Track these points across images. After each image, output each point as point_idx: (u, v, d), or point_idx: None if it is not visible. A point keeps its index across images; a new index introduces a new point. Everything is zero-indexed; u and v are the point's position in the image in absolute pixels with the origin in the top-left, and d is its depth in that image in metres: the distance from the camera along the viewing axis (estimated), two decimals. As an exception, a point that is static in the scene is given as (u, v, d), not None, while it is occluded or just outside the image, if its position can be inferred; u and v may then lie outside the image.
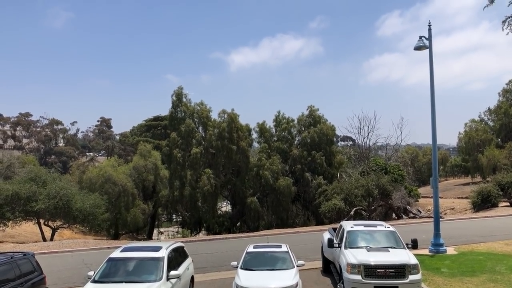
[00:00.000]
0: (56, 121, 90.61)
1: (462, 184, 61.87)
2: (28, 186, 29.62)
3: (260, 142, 45.07)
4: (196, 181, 39.59)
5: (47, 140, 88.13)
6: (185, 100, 43.58)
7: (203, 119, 42.83)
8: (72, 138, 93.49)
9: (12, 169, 44.62)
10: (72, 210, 29.66)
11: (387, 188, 33.65)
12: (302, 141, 43.39)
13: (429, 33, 18.47)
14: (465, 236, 21.59)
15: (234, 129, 40.79)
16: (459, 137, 66.81)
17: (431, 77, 18.62)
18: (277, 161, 40.43)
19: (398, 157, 53.14)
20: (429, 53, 18.63)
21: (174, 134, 41.72)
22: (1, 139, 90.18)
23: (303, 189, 40.94)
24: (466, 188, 50.80)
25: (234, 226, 41.34)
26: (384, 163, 40.88)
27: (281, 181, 38.98)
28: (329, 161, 41.96)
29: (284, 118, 45.28)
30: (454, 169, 76.48)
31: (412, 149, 77.37)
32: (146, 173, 43.75)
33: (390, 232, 13.38)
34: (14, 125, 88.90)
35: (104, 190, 36.75)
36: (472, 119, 64.60)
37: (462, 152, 66.35)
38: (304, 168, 41.11)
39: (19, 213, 29.20)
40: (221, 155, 40.41)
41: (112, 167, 41.03)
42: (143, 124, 71.22)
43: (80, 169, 44.86)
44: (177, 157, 40.02)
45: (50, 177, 32.81)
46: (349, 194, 33.29)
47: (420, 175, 68.73)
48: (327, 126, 43.60)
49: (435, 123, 18.52)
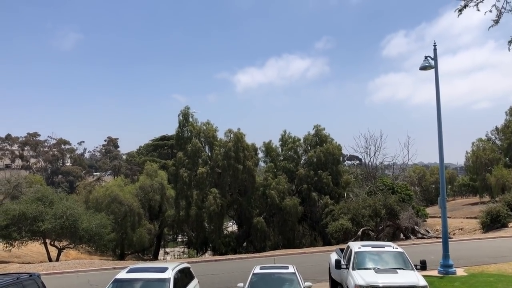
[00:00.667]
0: (64, 141, 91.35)
1: (471, 203, 61.23)
2: (35, 206, 29.65)
3: (266, 162, 45.08)
4: (202, 201, 39.50)
5: (54, 160, 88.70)
6: (191, 119, 43.88)
7: (209, 139, 43.00)
8: (79, 157, 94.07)
9: (20, 189, 44.83)
10: (78, 230, 29.60)
11: (395, 208, 33.32)
12: (308, 161, 43.32)
13: (435, 53, 18.52)
14: (475, 257, 21.25)
15: (240, 148, 40.85)
16: (466, 156, 66.46)
17: (437, 97, 18.61)
18: (284, 180, 40.33)
19: (405, 177, 52.79)
20: (434, 73, 18.65)
21: (180, 154, 41.84)
22: (9, 159, 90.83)
23: (309, 209, 40.69)
24: (475, 208, 50.26)
25: (240, 247, 41.05)
26: (391, 182, 40.59)
27: (288, 201, 38.79)
28: (336, 180, 41.79)
29: (290, 138, 45.35)
30: (462, 189, 75.89)
31: (419, 168, 76.92)
32: (153, 192, 43.71)
33: (398, 253, 13.22)
34: (22, 145, 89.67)
35: (110, 210, 36.71)
36: (480, 138, 64.29)
37: (470, 171, 65.89)
38: (311, 187, 40.94)
39: (26, 233, 29.16)
40: (227, 174, 40.39)
41: (118, 186, 41.06)
42: (150, 144, 71.43)
43: (87, 189, 44.95)
44: (184, 176, 40.04)
45: (57, 197, 32.86)
46: (356, 214, 32.99)
47: (427, 194, 68.20)
48: (334, 145, 43.56)
49: (442, 143, 18.44)
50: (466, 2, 10.69)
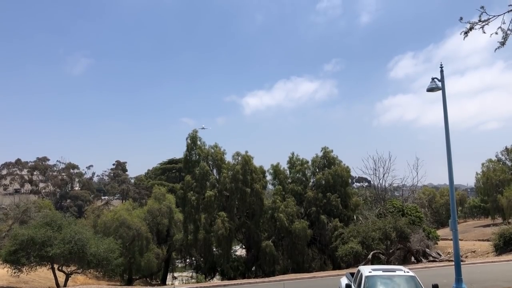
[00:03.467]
0: (72, 165, 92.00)
1: (482, 225, 60.36)
2: (43, 231, 29.63)
3: (274, 184, 44.91)
4: (210, 225, 39.31)
5: (63, 184, 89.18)
6: (199, 143, 44.03)
7: (217, 162, 43.03)
8: (87, 182, 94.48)
9: (28, 214, 44.89)
10: (86, 254, 29.47)
11: (405, 230, 32.93)
12: (317, 183, 43.12)
13: (441, 74, 18.57)
14: (489, 280, 20.83)
15: (248, 171, 40.81)
16: (476, 177, 65.89)
17: (445, 118, 18.56)
18: (292, 203, 40.10)
19: (415, 198, 52.26)
20: (442, 94, 18.67)
21: (188, 177, 41.86)
22: (19, 184, 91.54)
23: (319, 232, 40.31)
24: (487, 230, 49.53)
25: (249, 271, 40.57)
26: (401, 204, 40.24)
27: (297, 224, 38.48)
28: (345, 203, 41.49)
29: (298, 160, 45.28)
30: (473, 210, 74.95)
31: (429, 190, 76.27)
32: (161, 216, 43.63)
33: (410, 277, 13.02)
34: (31, 170, 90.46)
35: (118, 234, 36.62)
36: (489, 159, 63.86)
37: (481, 192, 65.23)
38: (320, 210, 40.64)
39: (34, 258, 29.05)
40: (235, 197, 40.26)
41: (126, 210, 41.08)
42: (158, 168, 71.80)
43: (95, 213, 45.00)
44: (192, 200, 39.97)
45: (65, 222, 32.82)
46: (366, 237, 32.62)
47: (438, 216, 67.45)
48: (342, 167, 43.41)
49: (452, 165, 18.29)
50: (471, 24, 10.74)
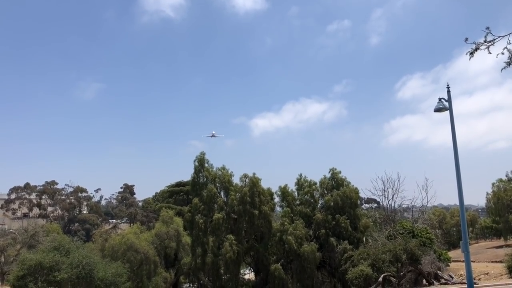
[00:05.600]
0: (81, 189, 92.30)
1: (495, 247, 59.35)
2: (51, 256, 29.57)
3: (282, 206, 44.63)
4: (218, 248, 38.97)
5: (71, 208, 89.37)
6: (207, 165, 43.97)
7: (225, 184, 42.89)
8: (95, 205, 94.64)
9: (37, 238, 44.91)
10: (94, 279, 29.31)
11: (416, 252, 32.39)
12: (325, 205, 42.82)
13: (448, 95, 18.64)
14: (503, 304, 20.36)
15: (256, 193, 40.61)
16: (487, 197, 65.24)
17: (454, 138, 18.53)
18: (301, 225, 39.74)
19: (425, 219, 51.63)
20: (449, 114, 18.68)
21: (196, 200, 41.74)
22: (27, 208, 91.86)
23: (328, 254, 39.81)
24: (500, 251, 48.69)
25: (258, 295, 40.02)
26: (411, 226, 39.76)
27: (306, 247, 38.05)
28: (354, 225, 41.06)
29: (306, 181, 45.06)
30: (485, 231, 73.95)
31: (439, 211, 75.46)
32: (168, 240, 43.43)
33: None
34: (40, 194, 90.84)
35: (126, 258, 36.45)
36: (500, 179, 63.18)
37: (492, 213, 64.46)
38: (329, 232, 40.22)
39: (42, 283, 28.89)
40: (243, 220, 40.00)
41: (134, 234, 40.96)
42: (166, 190, 71.79)
43: (103, 237, 44.89)
44: (199, 223, 39.76)
45: (73, 246, 32.78)
46: (376, 260, 32.11)
47: (449, 237, 66.54)
48: (351, 188, 43.11)
49: (461, 186, 18.14)
50: (477, 45, 10.81)
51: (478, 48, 10.83)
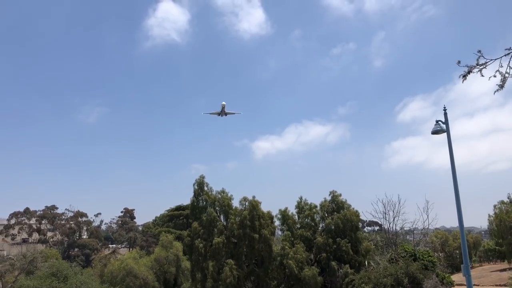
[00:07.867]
0: (81, 213, 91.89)
1: (499, 270, 58.53)
2: (48, 282, 29.31)
3: (283, 230, 44.25)
4: (218, 273, 38.48)
5: (71, 233, 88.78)
6: (206, 188, 43.84)
7: (224, 207, 42.65)
8: (95, 230, 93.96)
9: (35, 264, 44.41)
10: (91, 306, 28.98)
11: (417, 276, 32.05)
12: (326, 228, 42.47)
13: (445, 117, 18.78)
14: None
15: (256, 216, 40.34)
16: (489, 219, 64.74)
17: (452, 160, 18.59)
18: (301, 249, 39.34)
19: (427, 242, 51.16)
20: (447, 136, 18.78)
21: (195, 224, 41.46)
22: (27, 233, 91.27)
23: (329, 279, 39.27)
24: (504, 274, 48.03)
25: (258, 321, 39.35)
26: (413, 249, 39.33)
27: (307, 271, 37.58)
28: (355, 248, 40.63)
29: (306, 204, 44.79)
30: (488, 254, 73.01)
31: (442, 233, 74.68)
32: (168, 265, 43.03)
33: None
34: (39, 219, 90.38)
35: (125, 284, 36.12)
36: (501, 201, 62.74)
37: (495, 235, 63.84)
38: (330, 256, 39.79)
39: (38, 310, 28.62)
40: (243, 244, 39.62)
41: (133, 259, 40.64)
42: (165, 214, 71.51)
43: (102, 262, 44.56)
44: (199, 247, 39.39)
45: (71, 272, 32.50)
46: (377, 284, 31.74)
47: (452, 260, 65.67)
48: (351, 211, 42.83)
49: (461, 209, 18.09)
50: (470, 68, 10.92)
51: (471, 71, 10.94)
